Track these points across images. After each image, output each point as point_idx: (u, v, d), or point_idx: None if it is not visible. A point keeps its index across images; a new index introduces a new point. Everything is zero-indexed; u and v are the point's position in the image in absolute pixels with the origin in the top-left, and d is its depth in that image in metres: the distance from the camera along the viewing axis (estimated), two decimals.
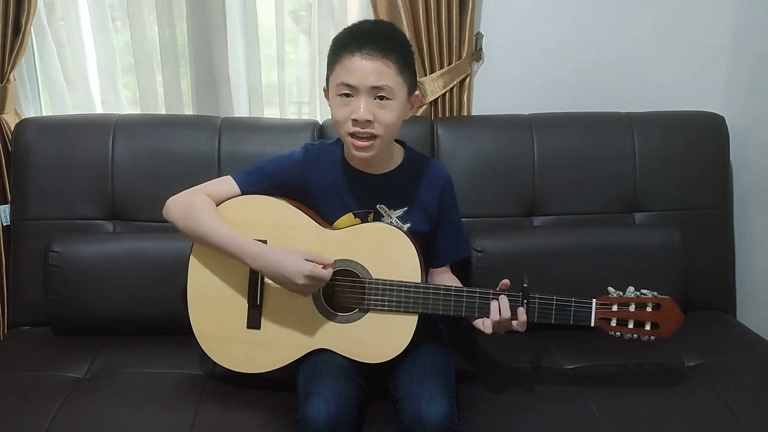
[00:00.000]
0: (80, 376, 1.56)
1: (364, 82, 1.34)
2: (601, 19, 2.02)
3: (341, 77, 1.36)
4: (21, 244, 1.79)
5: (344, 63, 1.35)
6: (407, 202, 1.51)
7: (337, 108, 1.39)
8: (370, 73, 1.34)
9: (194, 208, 1.43)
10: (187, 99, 2.09)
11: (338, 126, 1.41)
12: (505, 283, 1.39)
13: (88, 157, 1.79)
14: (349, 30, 1.41)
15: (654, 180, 1.88)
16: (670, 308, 1.40)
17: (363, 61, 1.33)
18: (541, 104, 1.98)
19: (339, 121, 1.39)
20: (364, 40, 1.35)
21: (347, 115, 1.37)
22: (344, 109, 1.37)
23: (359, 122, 1.36)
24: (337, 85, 1.37)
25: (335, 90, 1.38)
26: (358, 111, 1.35)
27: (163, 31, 2.00)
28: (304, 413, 1.28)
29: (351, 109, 1.36)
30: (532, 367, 1.64)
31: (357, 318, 1.42)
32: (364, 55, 1.33)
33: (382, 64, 1.34)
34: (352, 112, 1.36)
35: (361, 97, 1.35)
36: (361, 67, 1.34)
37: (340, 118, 1.38)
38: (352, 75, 1.34)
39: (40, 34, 1.98)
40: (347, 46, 1.35)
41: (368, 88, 1.35)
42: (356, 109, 1.35)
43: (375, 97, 1.36)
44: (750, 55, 1.96)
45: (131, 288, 1.68)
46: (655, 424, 1.41)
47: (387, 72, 1.35)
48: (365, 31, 1.39)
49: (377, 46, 1.34)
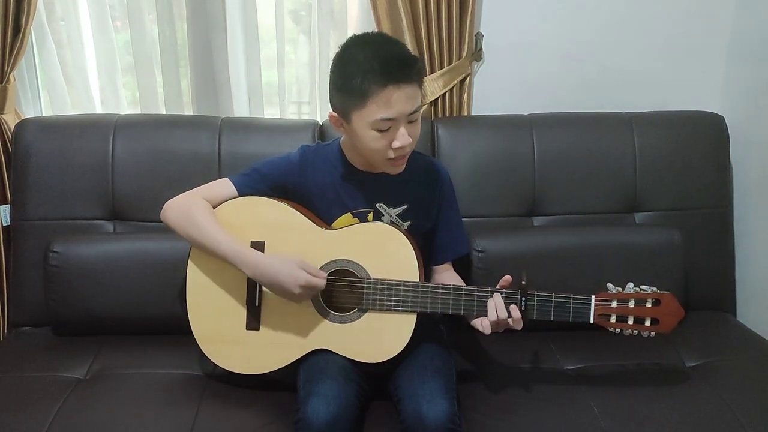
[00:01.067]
0: (80, 377, 1.57)
1: (403, 112, 1.33)
2: (601, 19, 2.02)
3: (379, 113, 1.32)
4: (21, 245, 1.79)
5: (379, 99, 1.31)
6: (406, 199, 1.51)
7: (375, 140, 1.36)
8: (407, 103, 1.33)
9: (192, 213, 1.44)
10: (187, 99, 2.09)
11: (375, 154, 1.39)
12: (506, 279, 1.39)
13: (88, 158, 1.79)
14: (367, 61, 1.31)
15: (654, 180, 1.88)
16: (670, 303, 1.40)
17: (399, 94, 1.31)
18: (541, 104, 1.98)
19: (378, 150, 1.38)
20: (393, 72, 1.31)
21: (387, 144, 1.36)
22: (382, 140, 1.36)
23: (403, 148, 1.36)
24: (374, 121, 1.33)
25: (370, 125, 1.34)
26: (401, 139, 1.35)
27: (163, 31, 2.00)
28: (304, 413, 1.28)
29: (390, 138, 1.36)
30: (533, 368, 1.64)
31: (356, 318, 1.42)
32: (400, 87, 1.31)
33: (412, 91, 1.34)
34: (392, 140, 1.36)
35: (400, 126, 1.35)
36: (399, 100, 1.32)
37: (379, 148, 1.37)
38: (391, 110, 1.32)
39: (40, 34, 1.98)
40: (377, 81, 1.30)
41: (406, 116, 1.35)
42: (397, 137, 1.35)
43: (408, 121, 1.36)
44: (749, 55, 1.96)
45: (131, 288, 1.68)
46: (655, 424, 1.41)
47: (417, 95, 1.36)
48: (387, 60, 1.31)
49: (405, 74, 1.32)
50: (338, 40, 2.05)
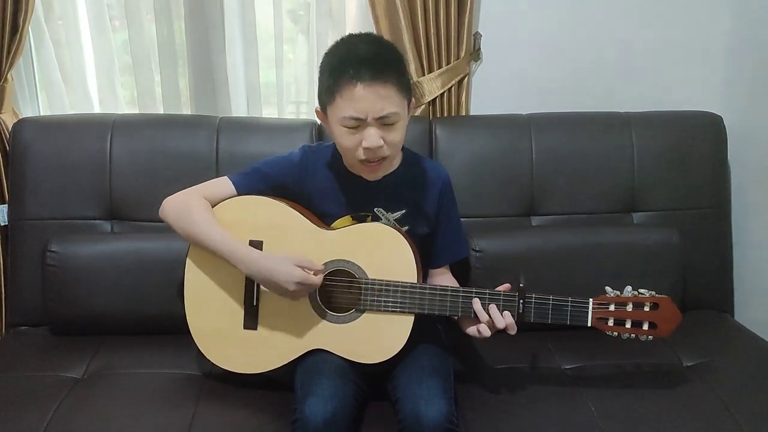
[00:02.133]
0: (78, 376, 1.56)
1: (371, 113, 1.31)
2: (600, 19, 2.02)
3: (345, 110, 1.31)
4: (19, 244, 1.78)
5: (345, 94, 1.30)
6: (405, 204, 1.51)
7: (344, 137, 1.35)
8: (375, 103, 1.30)
9: (190, 211, 1.43)
10: (185, 98, 2.09)
11: (346, 152, 1.39)
12: (506, 286, 1.40)
13: (86, 157, 1.78)
14: (341, 56, 1.34)
15: (652, 180, 1.88)
16: (668, 308, 1.40)
17: (365, 92, 1.29)
18: (539, 104, 1.98)
19: (348, 149, 1.37)
20: (362, 69, 1.29)
21: (356, 143, 1.35)
22: (352, 138, 1.35)
23: (371, 150, 1.35)
24: (341, 118, 1.32)
25: (339, 121, 1.34)
26: (368, 140, 1.33)
27: (161, 30, 1.99)
28: (302, 413, 1.28)
29: (359, 138, 1.34)
30: (531, 368, 1.64)
31: (353, 318, 1.42)
32: (366, 85, 1.29)
33: (384, 92, 1.30)
34: (361, 140, 1.34)
35: (369, 127, 1.33)
36: (365, 98, 1.29)
37: (349, 146, 1.36)
38: (356, 108, 1.30)
39: (37, 33, 1.98)
40: (344, 76, 1.29)
41: (375, 119, 1.32)
42: (366, 137, 1.33)
43: (382, 123, 1.34)
44: (748, 55, 1.96)
45: (129, 288, 1.68)
46: (653, 424, 1.41)
47: (390, 98, 1.32)
48: (360, 57, 1.31)
49: (376, 72, 1.29)
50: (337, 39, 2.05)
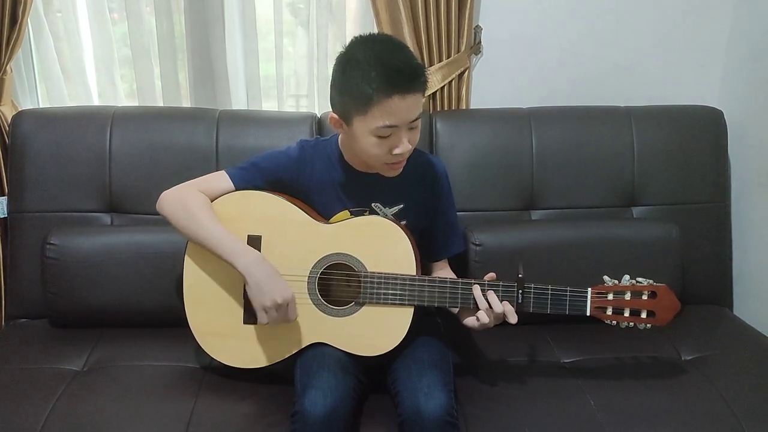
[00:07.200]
0: (78, 369, 1.57)
1: (406, 120, 1.33)
2: (600, 13, 2.01)
3: (382, 120, 1.31)
4: (18, 237, 1.78)
5: (383, 107, 1.29)
6: (403, 199, 1.51)
7: (374, 146, 1.35)
8: (410, 111, 1.32)
9: (187, 205, 1.43)
10: (184, 91, 2.08)
11: (372, 158, 1.39)
12: (491, 275, 1.41)
13: (85, 150, 1.78)
14: (373, 67, 1.29)
15: (652, 174, 1.88)
16: (666, 296, 1.40)
17: (403, 101, 1.30)
18: (539, 98, 1.98)
19: (377, 155, 1.37)
20: (399, 80, 1.29)
21: (386, 150, 1.36)
22: (383, 146, 1.35)
23: (402, 154, 1.36)
24: (376, 128, 1.32)
25: (372, 132, 1.33)
26: (401, 146, 1.35)
27: (161, 23, 1.99)
28: (301, 406, 1.28)
29: (389, 145, 1.35)
30: (530, 361, 1.64)
31: (353, 311, 1.42)
32: (404, 97, 1.30)
33: (416, 98, 1.33)
34: (393, 146, 1.35)
35: (401, 132, 1.34)
36: (402, 108, 1.30)
37: (379, 153, 1.36)
38: (394, 117, 1.31)
39: (37, 25, 1.97)
40: (382, 91, 1.28)
41: (408, 124, 1.34)
42: (399, 144, 1.35)
43: (410, 127, 1.36)
44: (748, 49, 1.96)
45: (129, 280, 1.68)
46: (651, 417, 1.41)
47: (419, 102, 1.35)
48: (394, 68, 1.29)
49: (411, 81, 1.30)
50: (337, 32, 2.05)
